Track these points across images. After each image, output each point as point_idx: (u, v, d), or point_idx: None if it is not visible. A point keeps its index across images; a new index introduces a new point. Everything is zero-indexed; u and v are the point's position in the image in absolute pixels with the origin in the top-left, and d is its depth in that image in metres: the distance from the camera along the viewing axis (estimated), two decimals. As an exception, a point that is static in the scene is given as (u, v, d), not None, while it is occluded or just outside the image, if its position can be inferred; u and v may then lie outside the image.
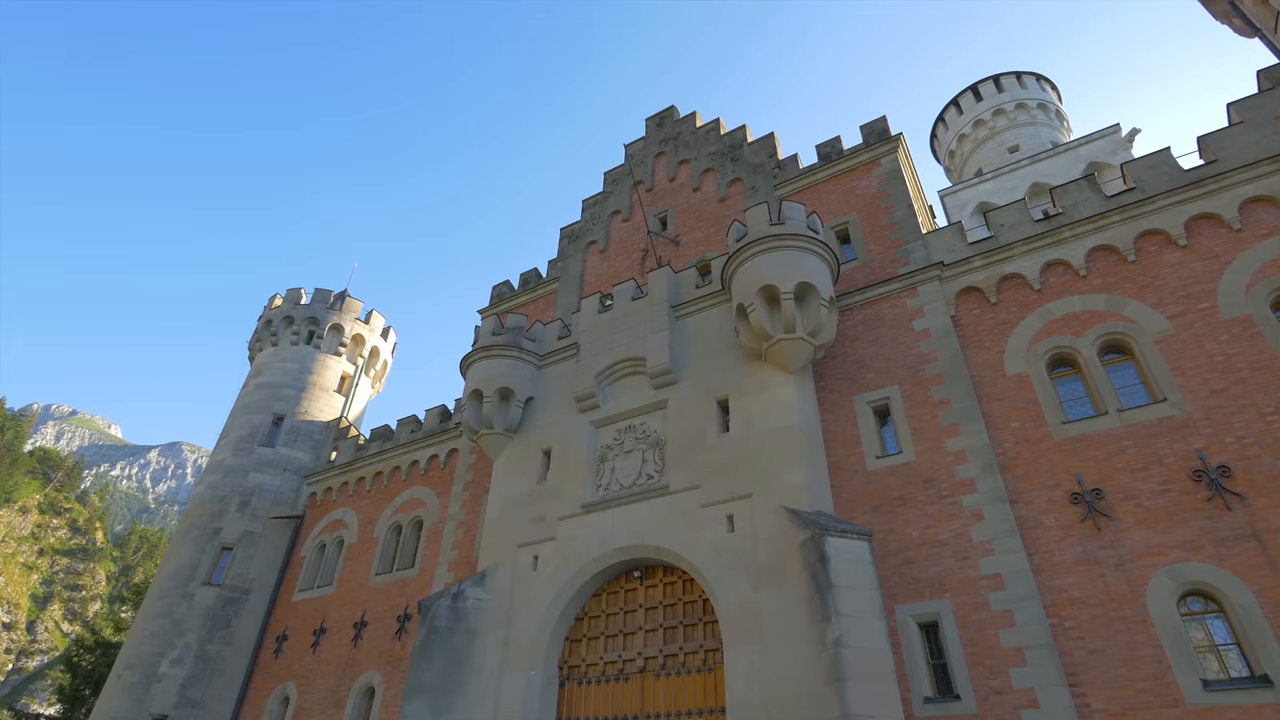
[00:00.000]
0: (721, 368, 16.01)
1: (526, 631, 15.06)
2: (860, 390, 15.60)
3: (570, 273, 23.96)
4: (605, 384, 17.62)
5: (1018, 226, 15.87)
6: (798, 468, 13.63)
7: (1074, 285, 14.66)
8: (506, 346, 19.15)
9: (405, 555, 21.85)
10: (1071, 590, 11.72)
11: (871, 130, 19.82)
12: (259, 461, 26.15)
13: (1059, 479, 12.77)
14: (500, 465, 18.37)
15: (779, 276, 14.96)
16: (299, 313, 29.87)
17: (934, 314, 15.62)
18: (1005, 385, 14.23)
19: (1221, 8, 18.16)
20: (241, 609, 23.28)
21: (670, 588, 14.70)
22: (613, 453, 16.55)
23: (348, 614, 21.65)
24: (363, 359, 30.88)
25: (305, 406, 27.96)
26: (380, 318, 31.93)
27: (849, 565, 11.28)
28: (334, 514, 24.93)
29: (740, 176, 21.75)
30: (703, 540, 13.96)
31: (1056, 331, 14.32)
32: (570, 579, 15.28)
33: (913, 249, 16.91)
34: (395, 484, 23.91)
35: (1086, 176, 15.54)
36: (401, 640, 19.66)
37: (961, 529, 12.93)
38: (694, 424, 15.57)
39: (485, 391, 18.53)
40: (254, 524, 24.77)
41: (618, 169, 25.74)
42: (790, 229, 15.60)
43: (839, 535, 11.52)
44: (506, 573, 16.25)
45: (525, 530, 16.65)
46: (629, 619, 14.79)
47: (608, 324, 18.30)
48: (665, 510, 14.85)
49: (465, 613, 15.64)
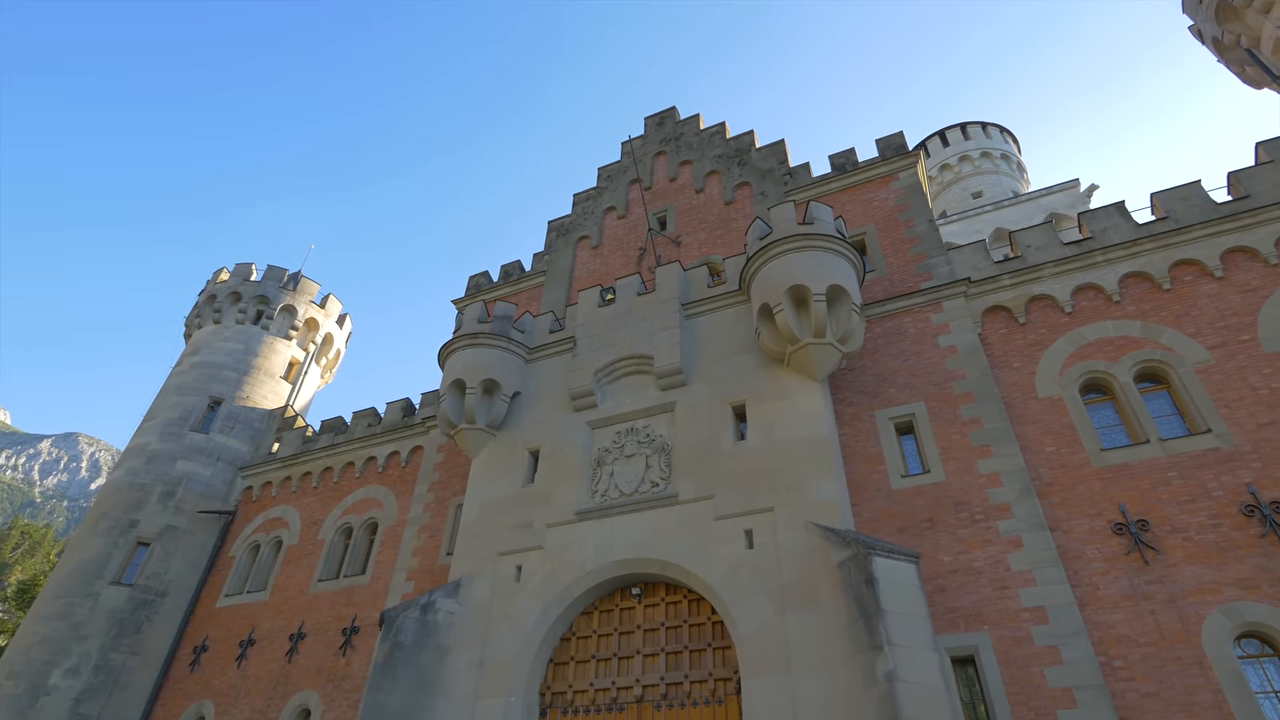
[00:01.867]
0: (737, 371, 14.87)
1: (506, 651, 13.32)
2: (882, 405, 14.74)
3: (559, 267, 22.52)
4: (604, 382, 16.21)
5: (1046, 248, 15.48)
6: (827, 481, 12.54)
7: (1106, 310, 14.26)
8: (494, 335, 17.51)
9: (355, 560, 19.64)
10: (1120, 627, 10.94)
11: (888, 144, 19.38)
12: (189, 448, 23.35)
13: (1100, 508, 12.10)
14: (480, 464, 16.62)
15: (809, 277, 14.00)
16: (248, 289, 27.25)
17: (960, 330, 14.99)
18: (1038, 408, 13.60)
19: (1236, 56, 18.61)
20: (155, 613, 20.41)
21: (674, 607, 13.27)
22: (611, 456, 15.10)
23: (282, 624, 19.22)
24: (314, 345, 28.39)
25: (247, 391, 25.30)
26: (337, 303, 29.54)
27: (898, 589, 10.17)
28: (272, 511, 22.39)
29: (748, 181, 20.94)
30: (717, 556, 12.64)
31: (1090, 355, 13.83)
32: (560, 593, 13.66)
33: (935, 264, 16.32)
34: (348, 481, 21.65)
35: (1117, 204, 15.31)
36: (346, 656, 17.44)
37: (998, 556, 12.07)
38: (706, 429, 14.32)
39: (469, 382, 16.81)
40: (178, 518, 21.95)
41: (613, 165, 24.60)
42: (820, 229, 14.73)
43: (886, 555, 10.41)
44: (484, 583, 14.48)
45: (507, 537, 14.94)
46: (625, 641, 13.25)
47: (610, 319, 16.95)
48: (672, 521, 13.49)
49: (435, 627, 13.78)
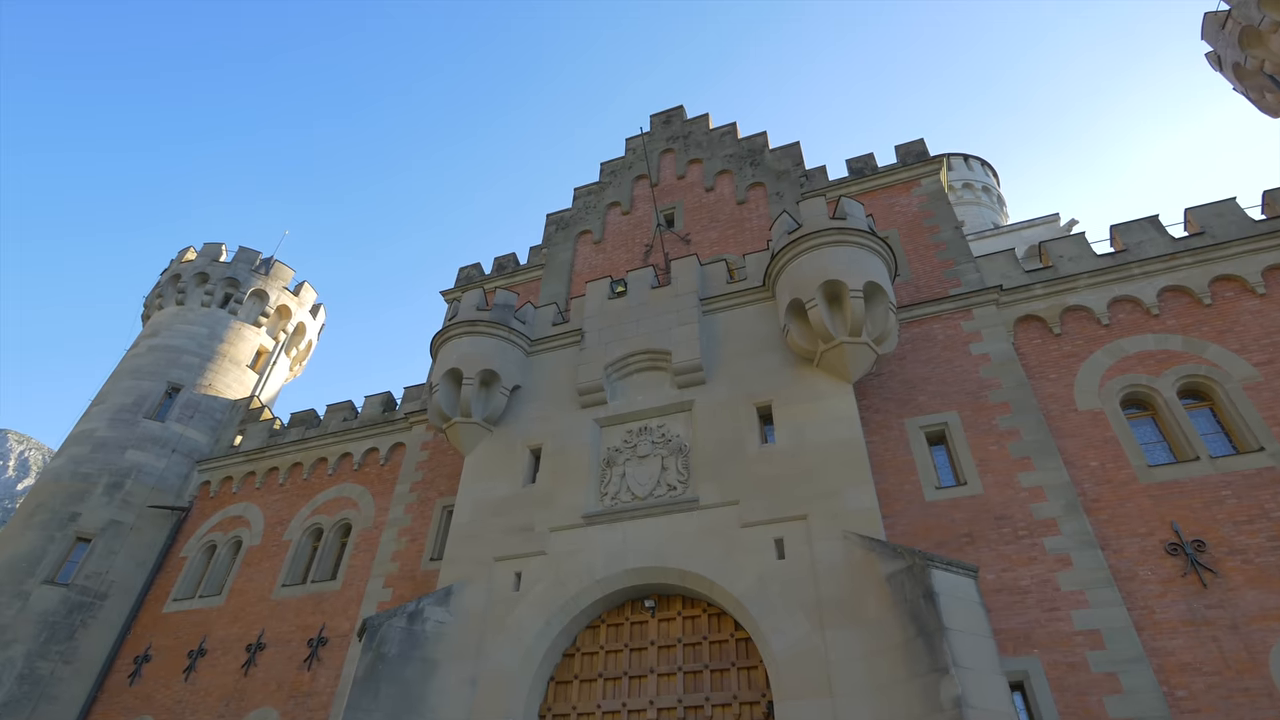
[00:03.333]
0: (761, 370, 13.94)
1: (503, 667, 11.98)
2: (912, 413, 13.96)
3: (558, 260, 21.42)
4: (615, 378, 15.11)
5: (1079, 259, 15.02)
6: (864, 488, 11.61)
7: (1145, 323, 13.78)
8: (494, 324, 16.28)
9: (325, 564, 17.98)
10: (1180, 654, 10.21)
11: (909, 151, 18.92)
12: (142, 437, 21.37)
13: (1151, 527, 11.43)
14: (474, 462, 15.29)
15: (845, 272, 13.20)
16: (216, 271, 25.42)
17: (993, 339, 14.36)
18: (1078, 421, 12.97)
19: (1256, 82, 18.64)
20: (92, 618, 18.36)
21: (693, 622, 12.12)
22: (622, 457, 13.96)
23: (239, 633, 17.42)
24: (285, 334, 26.60)
25: (209, 379, 23.42)
26: (311, 291, 27.84)
27: (960, 605, 9.25)
28: (232, 509, 20.54)
29: (762, 181, 20.24)
30: (744, 566, 11.57)
31: (1131, 369, 13.29)
32: (565, 604, 12.39)
33: (963, 270, 15.74)
34: (319, 479, 19.99)
35: (1150, 217, 14.96)
36: (312, 670, 15.78)
37: (1046, 575, 11.28)
38: (728, 430, 13.31)
39: (466, 372, 15.52)
40: (124, 512, 19.94)
41: (616, 161, 23.73)
42: (853, 224, 13.99)
43: (945, 568, 9.50)
44: (479, 591, 13.13)
45: (505, 541, 13.64)
46: (637, 659, 12.03)
47: (620, 312, 15.90)
48: (692, 527, 12.39)
49: (423, 638, 12.35)
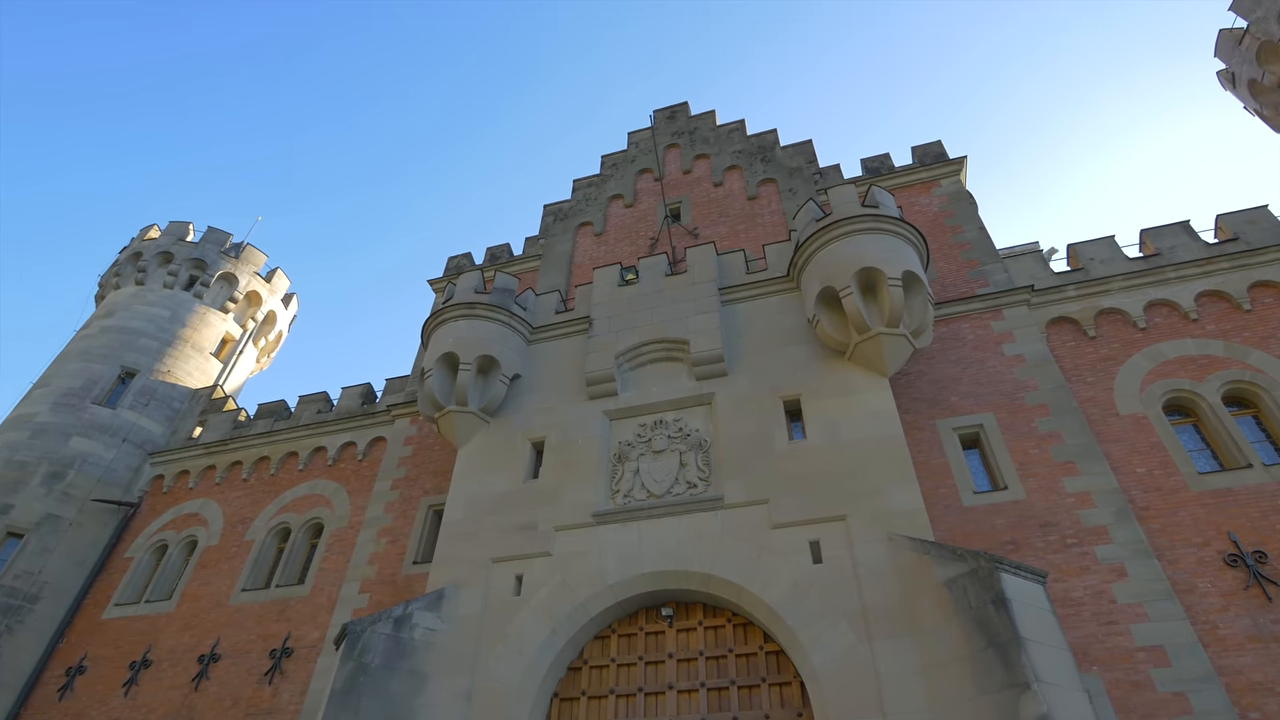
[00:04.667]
0: (787, 363, 13.01)
1: (503, 681, 10.64)
2: (944, 414, 13.18)
3: (557, 251, 20.35)
4: (626, 368, 14.03)
5: (1110, 262, 14.55)
6: (908, 487, 10.69)
7: (1184, 328, 13.29)
8: (494, 307, 15.08)
9: (291, 568, 16.33)
10: (1249, 673, 9.44)
11: (926, 152, 18.44)
12: (89, 424, 19.43)
13: (1207, 536, 10.74)
14: (469, 455, 13.98)
15: (883, 260, 12.42)
16: (182, 250, 23.64)
17: (1026, 339, 13.72)
18: (1120, 426, 12.31)
19: (1272, 99, 18.69)
20: (19, 622, 16.33)
21: (716, 633, 10.96)
22: (636, 451, 12.84)
23: (190, 642, 15.62)
24: (254, 323, 24.84)
25: (169, 365, 21.57)
26: (285, 279, 26.16)
27: (1034, 614, 8.32)
28: (187, 505, 18.72)
29: (773, 177, 19.56)
30: (777, 571, 10.50)
31: (1172, 374, 12.74)
32: (573, 611, 11.14)
33: (991, 271, 15.15)
34: (288, 474, 18.33)
35: (1182, 222, 14.59)
36: (274, 684, 14.12)
37: (1100, 586, 10.47)
38: (753, 425, 12.32)
39: (463, 357, 14.27)
40: (64, 506, 17.97)
41: (618, 154, 22.88)
42: (886, 212, 13.27)
43: (1013, 572, 8.58)
44: (474, 596, 11.78)
45: (504, 541, 12.34)
46: (653, 673, 10.81)
47: (632, 299, 14.87)
48: (716, 528, 11.30)
49: (411, 647, 10.95)
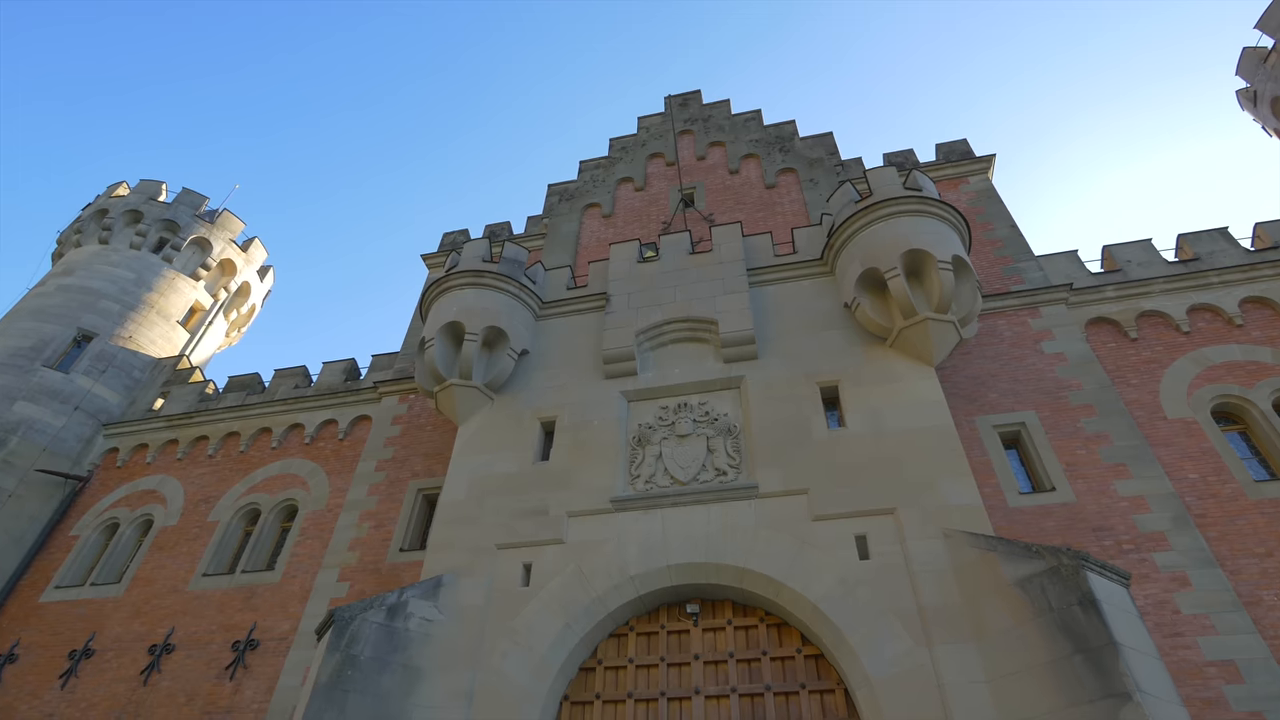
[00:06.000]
0: (823, 348, 12.17)
1: (509, 680, 9.46)
2: (982, 411, 12.46)
3: (562, 232, 19.32)
4: (647, 348, 13.04)
5: (1148, 265, 14.10)
6: (963, 481, 9.87)
7: (1229, 334, 12.83)
8: (503, 277, 13.99)
9: (260, 552, 14.86)
10: (1326, 693, 8.79)
11: (952, 150, 17.97)
12: (37, 389, 17.65)
13: (1269, 547, 10.13)
14: (470, 433, 12.80)
15: (931, 243, 11.70)
16: (152, 210, 21.95)
17: (1066, 338, 13.14)
18: (1169, 430, 11.72)
19: (1294, 118, 18.68)
20: (-57, 604, 14.51)
21: (748, 634, 9.94)
22: (658, 435, 11.81)
23: (140, 631, 14.04)
24: (226, 293, 23.19)
25: (130, 331, 19.86)
26: (262, 250, 24.53)
27: (1125, 618, 7.51)
28: (144, 481, 17.06)
29: (793, 167, 18.87)
30: (820, 566, 9.56)
31: (1219, 379, 12.23)
32: (590, 604, 10.03)
33: (1025, 268, 14.59)
34: (260, 452, 16.83)
35: (1220, 229, 14.22)
36: (236, 679, 12.66)
37: (1162, 596, 9.76)
38: (788, 411, 11.41)
39: (469, 327, 13.13)
40: (5, 475, 16.18)
41: (627, 137, 22.01)
42: (929, 194, 12.59)
43: (1099, 572, 7.77)
44: (476, 585, 10.58)
45: (511, 526, 11.18)
46: (676, 676, 9.74)
47: (654, 276, 13.92)
48: (749, 519, 10.32)
49: (406, 639, 9.70)
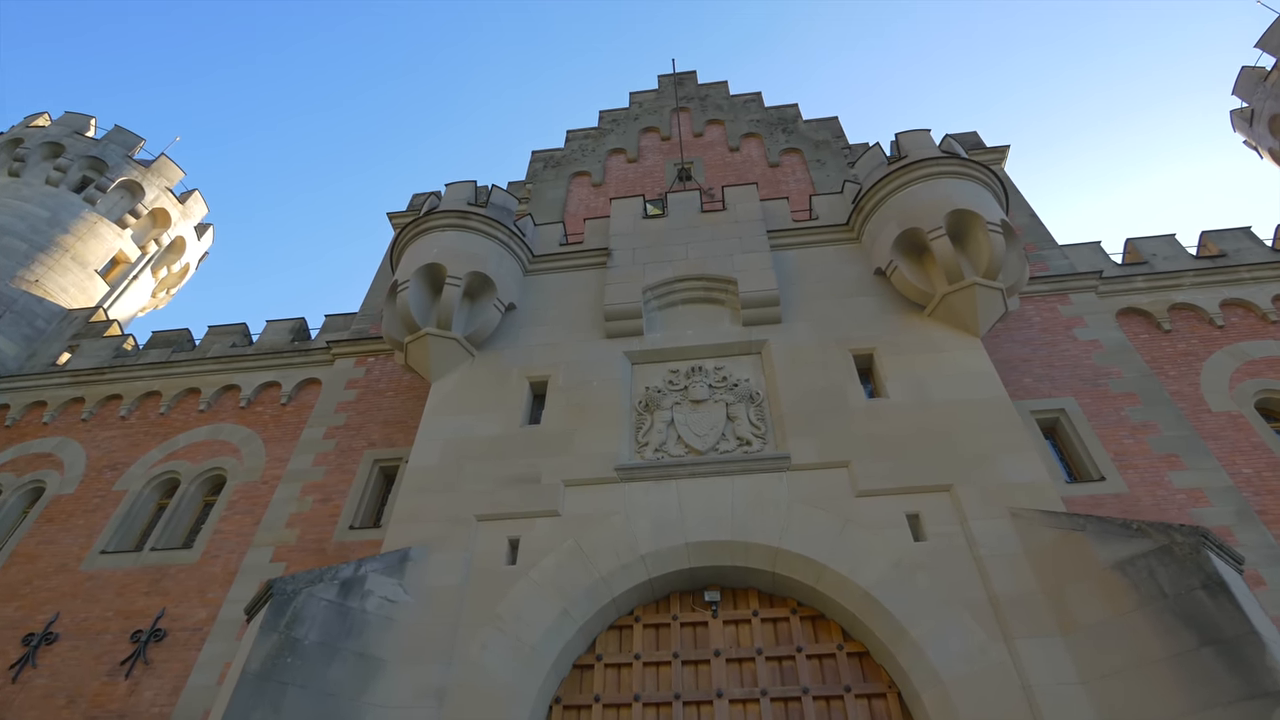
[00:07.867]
0: (854, 314, 10.94)
1: (491, 675, 7.66)
2: (1017, 396, 11.42)
3: (547, 197, 17.78)
4: (653, 307, 11.57)
5: (1174, 258, 13.53)
6: (1026, 456, 8.69)
7: (1264, 329, 12.26)
8: (491, 220, 12.36)
9: (176, 528, 12.55)
10: None
11: (963, 141, 17.31)
12: (-88, 328, 14.86)
13: (1335, 546, 9.30)
14: (446, 389, 11.00)
15: (979, 205, 10.69)
16: (77, 145, 19.33)
17: (1099, 325, 12.33)
18: (1216, 423, 10.93)
19: (1292, 136, 18.81)
20: None
21: (777, 627, 8.42)
22: (668, 400, 10.29)
23: (14, 617, 11.54)
24: (157, 247, 20.58)
25: (38, 275, 17.17)
26: (202, 204, 22.00)
27: (1252, 605, 6.36)
28: (37, 444, 14.45)
29: (797, 148, 17.93)
30: (869, 548, 8.16)
31: (1260, 374, 11.58)
32: (593, 587, 8.34)
33: (1049, 255, 13.84)
34: (184, 414, 14.47)
35: (1244, 227, 13.81)
36: (132, 677, 10.35)
37: (1235, 595, 8.73)
38: (818, 379, 10.08)
39: (451, 270, 11.41)
40: None
41: (618, 110, 20.85)
42: (966, 158, 11.65)
43: (1217, 552, 6.62)
44: (450, 562, 8.75)
45: (494, 495, 9.42)
46: (692, 676, 8.12)
47: (662, 232, 12.53)
48: (781, 493, 8.86)
49: (363, 622, 7.79)
